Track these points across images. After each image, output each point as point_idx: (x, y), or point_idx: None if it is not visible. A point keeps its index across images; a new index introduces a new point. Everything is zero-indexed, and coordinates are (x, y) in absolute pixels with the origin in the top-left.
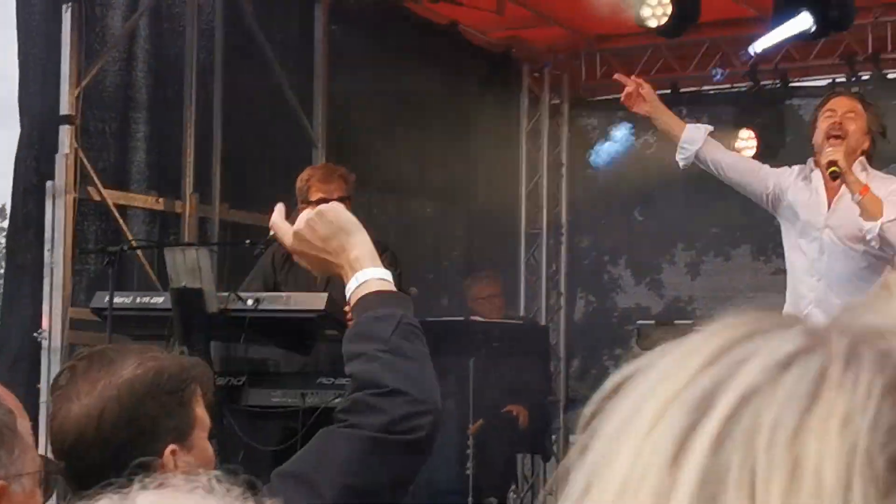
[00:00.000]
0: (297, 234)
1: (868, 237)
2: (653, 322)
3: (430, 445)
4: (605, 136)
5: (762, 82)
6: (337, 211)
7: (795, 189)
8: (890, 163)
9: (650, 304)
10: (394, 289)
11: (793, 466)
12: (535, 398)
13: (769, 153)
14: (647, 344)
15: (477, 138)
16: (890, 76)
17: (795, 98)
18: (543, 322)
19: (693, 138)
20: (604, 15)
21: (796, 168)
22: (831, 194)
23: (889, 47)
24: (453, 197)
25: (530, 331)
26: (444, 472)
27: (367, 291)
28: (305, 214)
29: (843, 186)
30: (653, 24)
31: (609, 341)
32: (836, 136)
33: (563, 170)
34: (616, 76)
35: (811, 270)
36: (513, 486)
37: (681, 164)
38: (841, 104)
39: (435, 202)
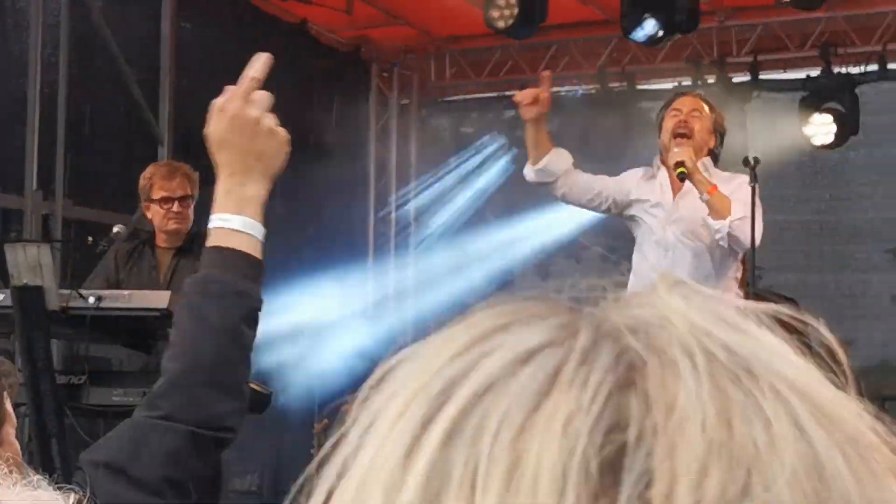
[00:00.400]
0: (247, 121)
1: (717, 236)
2: None
3: (230, 445)
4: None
5: (609, 84)
6: (283, 149)
7: (640, 190)
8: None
9: None
10: (259, 255)
11: (512, 465)
12: None
13: (616, 154)
14: None
15: (326, 138)
16: (735, 80)
17: (644, 101)
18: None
19: (558, 161)
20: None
21: (640, 170)
22: (676, 192)
23: (734, 51)
24: (302, 196)
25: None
26: (290, 471)
27: (239, 245)
28: (255, 105)
29: (688, 183)
30: (501, 25)
31: None
32: (682, 135)
33: (413, 170)
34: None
35: (656, 269)
36: None
37: (529, 176)
38: (686, 103)
39: (284, 201)
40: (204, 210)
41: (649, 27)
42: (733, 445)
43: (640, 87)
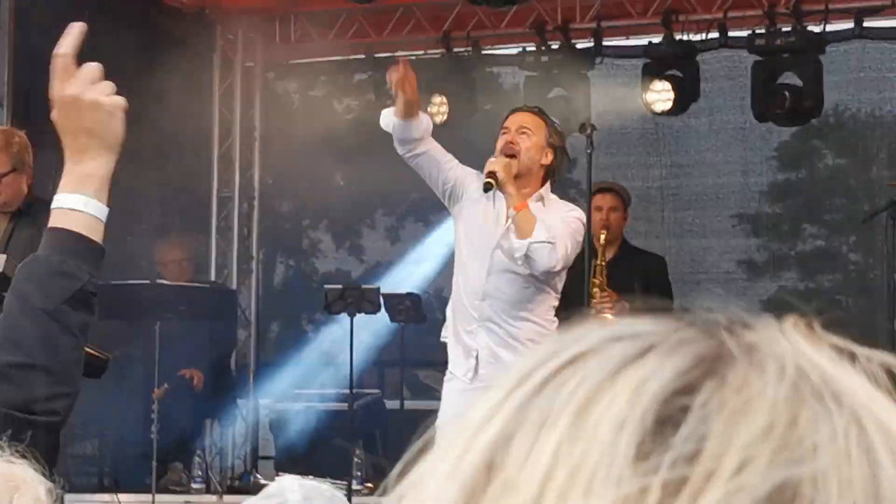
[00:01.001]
0: (67, 101)
1: (515, 255)
2: (340, 286)
3: (61, 428)
4: None
5: (454, 49)
6: (114, 118)
7: (473, 202)
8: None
9: (350, 269)
10: (97, 237)
11: (580, 411)
12: (217, 363)
13: (461, 119)
14: (335, 308)
15: (169, 100)
16: (578, 46)
17: (491, 66)
18: (234, 286)
19: (426, 124)
20: None
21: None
22: (507, 218)
23: (578, 18)
24: (146, 159)
25: (217, 295)
26: (130, 435)
27: (73, 225)
28: (91, 85)
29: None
30: None
31: (308, 305)
32: (510, 156)
33: (257, 133)
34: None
35: (476, 289)
36: (198, 451)
37: (392, 126)
38: (515, 120)
39: (127, 164)
40: (43, 175)
41: None
42: (792, 437)
43: (484, 51)
